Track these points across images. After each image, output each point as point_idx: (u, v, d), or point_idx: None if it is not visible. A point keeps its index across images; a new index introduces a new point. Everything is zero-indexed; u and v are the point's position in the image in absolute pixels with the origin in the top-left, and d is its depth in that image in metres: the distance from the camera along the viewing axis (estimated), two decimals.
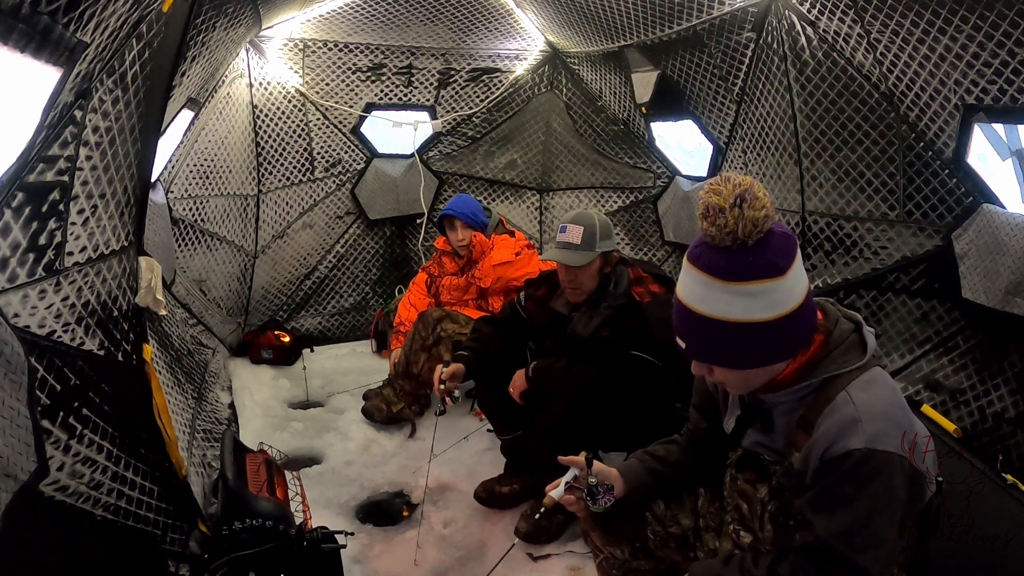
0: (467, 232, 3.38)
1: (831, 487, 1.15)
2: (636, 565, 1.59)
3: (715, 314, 1.19)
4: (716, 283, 1.18)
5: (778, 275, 1.17)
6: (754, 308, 1.17)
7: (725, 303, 1.18)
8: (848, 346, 1.25)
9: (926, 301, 2.22)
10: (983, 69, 1.75)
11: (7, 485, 1.28)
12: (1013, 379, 1.94)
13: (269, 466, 2.16)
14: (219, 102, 3.45)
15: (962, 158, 1.99)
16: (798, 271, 1.21)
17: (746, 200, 1.14)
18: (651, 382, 2.25)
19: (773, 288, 1.17)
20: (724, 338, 1.20)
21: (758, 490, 1.33)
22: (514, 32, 3.93)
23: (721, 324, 1.19)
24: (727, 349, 1.22)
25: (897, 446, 1.13)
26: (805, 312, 1.22)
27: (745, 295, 1.17)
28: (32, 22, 1.06)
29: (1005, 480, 1.79)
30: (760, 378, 1.26)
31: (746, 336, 1.19)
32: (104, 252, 1.67)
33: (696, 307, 1.21)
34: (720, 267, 1.17)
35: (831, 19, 2.15)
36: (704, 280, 1.20)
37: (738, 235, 1.15)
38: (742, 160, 2.91)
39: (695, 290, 1.22)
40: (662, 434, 1.69)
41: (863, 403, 1.16)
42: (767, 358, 1.23)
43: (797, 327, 1.21)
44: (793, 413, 1.27)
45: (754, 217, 1.14)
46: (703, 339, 1.24)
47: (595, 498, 1.49)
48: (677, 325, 1.28)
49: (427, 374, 3.24)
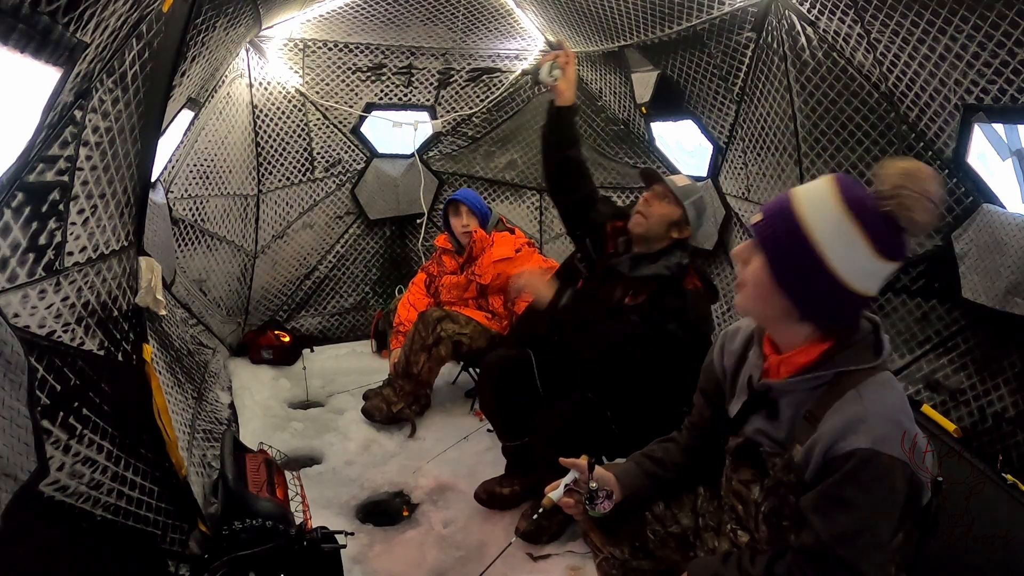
0: (472, 219, 3.44)
1: (833, 489, 1.15)
2: (636, 565, 1.59)
3: (812, 226, 1.18)
4: (838, 206, 1.18)
5: (881, 253, 1.17)
6: (842, 255, 1.17)
7: (828, 226, 1.18)
8: (864, 345, 1.25)
9: (926, 301, 2.22)
10: (983, 69, 1.75)
11: (7, 485, 1.28)
12: (1013, 379, 1.93)
13: (269, 466, 2.16)
14: (219, 102, 3.45)
15: (962, 158, 1.99)
16: (884, 275, 1.22)
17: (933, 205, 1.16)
18: (673, 365, 2.19)
19: (867, 256, 1.17)
20: (797, 251, 1.19)
21: (752, 491, 1.33)
22: (514, 32, 3.93)
23: (806, 238, 1.18)
24: (789, 259, 1.21)
25: (900, 450, 1.13)
26: (854, 305, 1.23)
27: (846, 237, 1.17)
28: (32, 22, 1.06)
29: (1005, 480, 1.79)
30: (772, 310, 1.25)
31: (812, 267, 1.18)
32: (104, 252, 1.67)
33: (804, 210, 1.20)
34: (856, 198, 1.18)
35: (831, 19, 2.15)
36: (832, 195, 1.19)
37: (903, 197, 1.16)
38: (742, 160, 2.91)
39: (815, 198, 1.21)
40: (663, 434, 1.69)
41: (871, 403, 1.16)
42: (802, 299, 1.22)
43: (841, 308, 1.22)
44: (801, 406, 1.26)
45: (915, 205, 1.15)
46: (782, 234, 1.21)
47: (594, 503, 1.49)
48: (775, 203, 1.25)
49: (427, 374, 3.25)
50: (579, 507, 1.52)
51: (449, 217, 3.53)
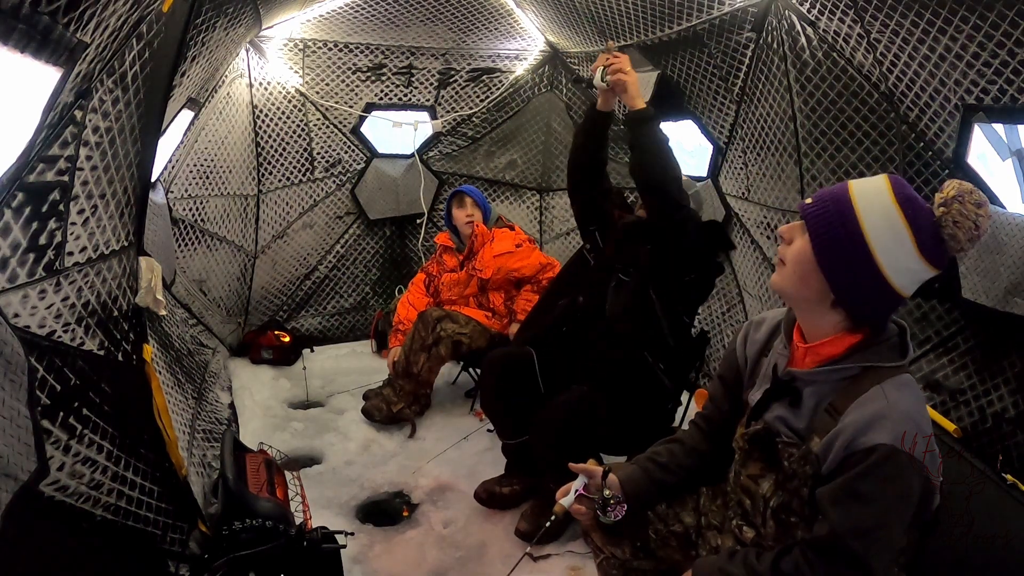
0: (476, 211, 3.49)
1: (853, 482, 1.16)
2: (637, 565, 1.58)
3: (863, 216, 1.20)
4: (891, 203, 1.20)
5: (924, 256, 1.19)
6: (888, 250, 1.19)
7: (878, 219, 1.20)
8: (891, 345, 1.26)
9: (926, 301, 2.22)
10: (983, 69, 1.75)
11: (7, 485, 1.28)
12: (1013, 379, 1.93)
13: (269, 466, 2.16)
14: (219, 102, 3.45)
15: (962, 158, 1.99)
16: (921, 277, 1.23)
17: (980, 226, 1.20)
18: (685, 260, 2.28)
19: (911, 256, 1.19)
20: (845, 237, 1.21)
21: (760, 486, 1.34)
22: (514, 32, 3.93)
23: (856, 228, 1.20)
24: (834, 242, 1.22)
25: (919, 452, 1.14)
26: (890, 301, 1.24)
27: (895, 234, 1.19)
28: (32, 22, 1.06)
29: (1005, 480, 1.79)
30: (808, 291, 1.26)
31: (857, 255, 1.20)
32: (104, 252, 1.67)
33: (858, 201, 1.22)
34: (907, 198, 1.21)
35: (831, 19, 2.15)
36: (885, 191, 1.22)
37: (951, 209, 1.19)
38: (742, 160, 2.91)
39: (870, 194, 1.23)
40: (658, 435, 1.68)
41: (895, 401, 1.17)
42: (842, 284, 1.23)
43: (877, 300, 1.23)
44: (824, 397, 1.26)
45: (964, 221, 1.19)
46: (832, 216, 1.23)
47: (607, 511, 1.48)
48: (827, 191, 1.27)
49: (427, 374, 3.25)
50: (590, 514, 1.52)
51: (452, 210, 3.55)
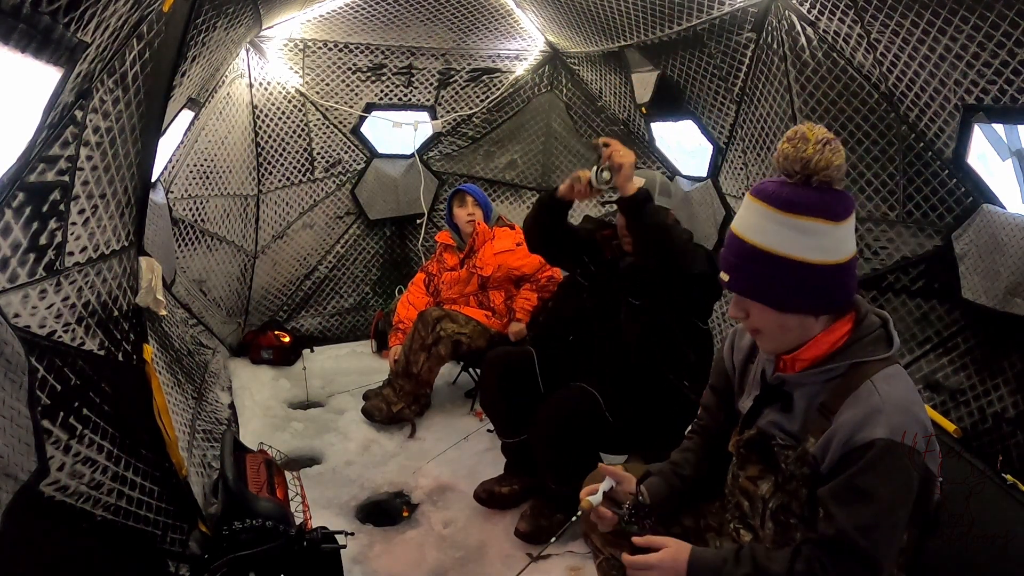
0: (477, 209, 3.51)
1: (854, 479, 1.16)
2: None
3: (766, 245, 1.22)
4: (773, 213, 1.22)
5: (833, 220, 1.21)
6: (805, 247, 1.20)
7: (777, 234, 1.21)
8: (876, 337, 1.27)
9: (926, 301, 2.22)
10: (983, 69, 1.75)
11: (7, 485, 1.28)
12: (1013, 379, 1.94)
13: (269, 466, 2.16)
14: (219, 102, 3.45)
15: (962, 158, 1.99)
16: (850, 229, 1.24)
17: (831, 145, 1.19)
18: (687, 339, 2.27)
19: (826, 231, 1.21)
20: (770, 272, 1.23)
21: (759, 487, 1.33)
22: (514, 32, 3.93)
23: (769, 256, 1.22)
24: (771, 284, 1.24)
25: (914, 441, 1.15)
26: (849, 271, 1.25)
27: (798, 230, 1.20)
28: (33, 22, 1.06)
29: (1005, 480, 1.79)
30: (793, 332, 1.27)
31: (792, 274, 1.22)
32: (104, 252, 1.67)
33: (748, 237, 1.24)
34: (781, 198, 1.22)
35: (831, 19, 2.15)
36: (762, 210, 1.23)
37: (809, 165, 1.19)
38: (742, 160, 2.91)
39: (751, 221, 1.25)
40: (661, 437, 1.68)
41: (887, 395, 1.17)
42: (807, 303, 1.24)
43: (840, 282, 1.24)
44: (815, 398, 1.27)
45: (830, 159, 1.19)
46: (750, 271, 1.25)
47: (642, 520, 1.44)
48: (725, 256, 1.29)
49: (427, 374, 3.25)
50: (614, 519, 1.48)
51: (453, 208, 3.56)
